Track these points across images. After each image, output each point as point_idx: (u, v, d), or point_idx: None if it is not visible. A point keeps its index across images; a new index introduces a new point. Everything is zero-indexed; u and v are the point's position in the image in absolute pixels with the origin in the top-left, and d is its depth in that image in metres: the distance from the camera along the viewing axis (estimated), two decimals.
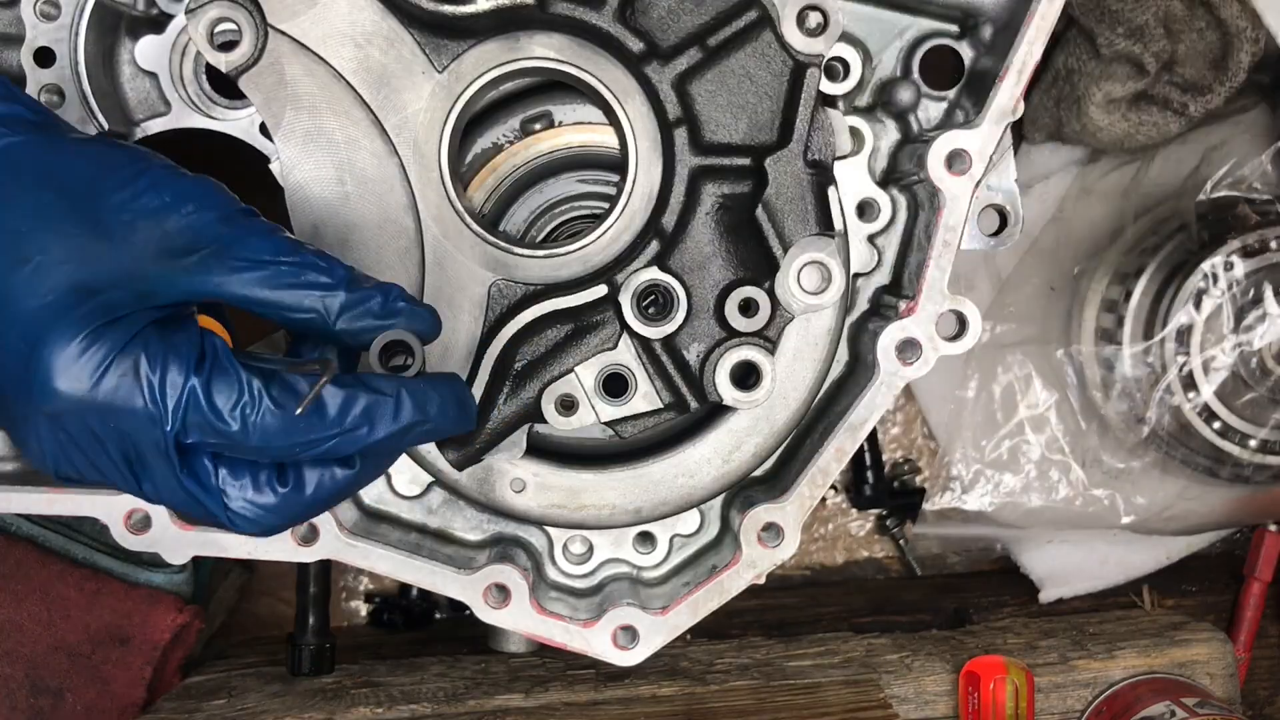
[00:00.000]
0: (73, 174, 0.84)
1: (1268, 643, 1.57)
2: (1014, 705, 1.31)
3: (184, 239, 0.84)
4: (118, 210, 0.84)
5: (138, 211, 0.84)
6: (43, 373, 0.79)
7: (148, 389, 0.80)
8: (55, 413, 0.80)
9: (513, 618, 1.15)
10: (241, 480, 0.86)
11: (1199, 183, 1.46)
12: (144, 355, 0.80)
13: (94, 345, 0.79)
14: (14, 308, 0.80)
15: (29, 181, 0.83)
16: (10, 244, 0.81)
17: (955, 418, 1.55)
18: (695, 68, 1.10)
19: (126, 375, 0.80)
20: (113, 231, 0.83)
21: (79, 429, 0.81)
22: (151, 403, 0.80)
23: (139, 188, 0.85)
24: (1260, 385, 1.41)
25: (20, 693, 1.36)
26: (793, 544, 1.14)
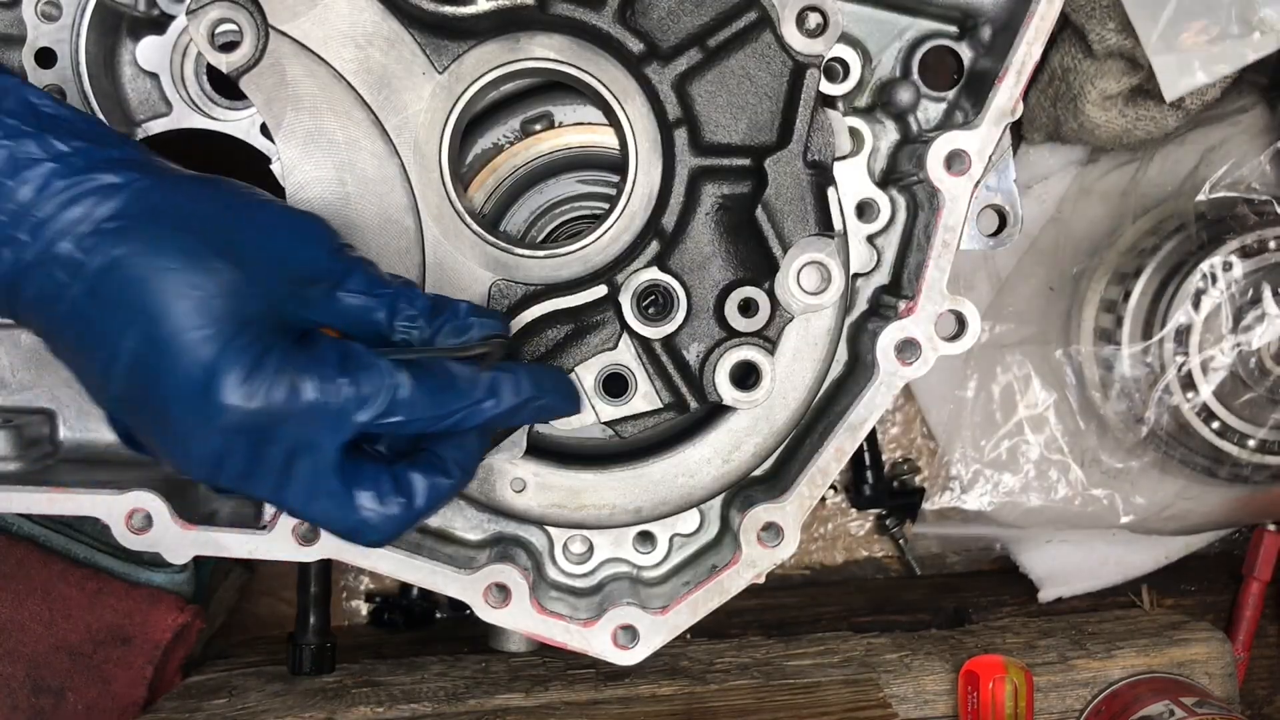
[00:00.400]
0: (204, 215, 0.92)
1: (1266, 642, 1.57)
2: (1013, 705, 1.31)
3: (306, 272, 0.95)
4: (251, 248, 0.92)
5: (267, 249, 0.93)
6: (217, 393, 0.89)
7: (309, 393, 0.91)
8: (227, 427, 0.90)
9: (513, 617, 1.15)
10: (368, 494, 0.95)
11: (1198, 183, 1.46)
12: (299, 368, 0.91)
13: (258, 367, 0.89)
14: (182, 338, 0.89)
15: (169, 224, 0.91)
16: (170, 282, 0.89)
17: (954, 418, 1.56)
18: (695, 68, 1.10)
19: (289, 387, 0.90)
20: (250, 267, 0.91)
21: (246, 441, 0.91)
22: (313, 404, 0.91)
23: (263, 225, 0.94)
24: (1259, 385, 1.41)
25: (21, 692, 1.36)
26: (792, 544, 1.14)
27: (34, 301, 0.91)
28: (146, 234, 0.89)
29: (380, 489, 0.95)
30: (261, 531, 1.14)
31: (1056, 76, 1.42)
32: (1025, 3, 1.09)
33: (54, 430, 1.23)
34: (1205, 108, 1.40)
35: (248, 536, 1.14)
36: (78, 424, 1.24)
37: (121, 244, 0.88)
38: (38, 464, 1.20)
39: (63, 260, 0.88)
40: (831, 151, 1.11)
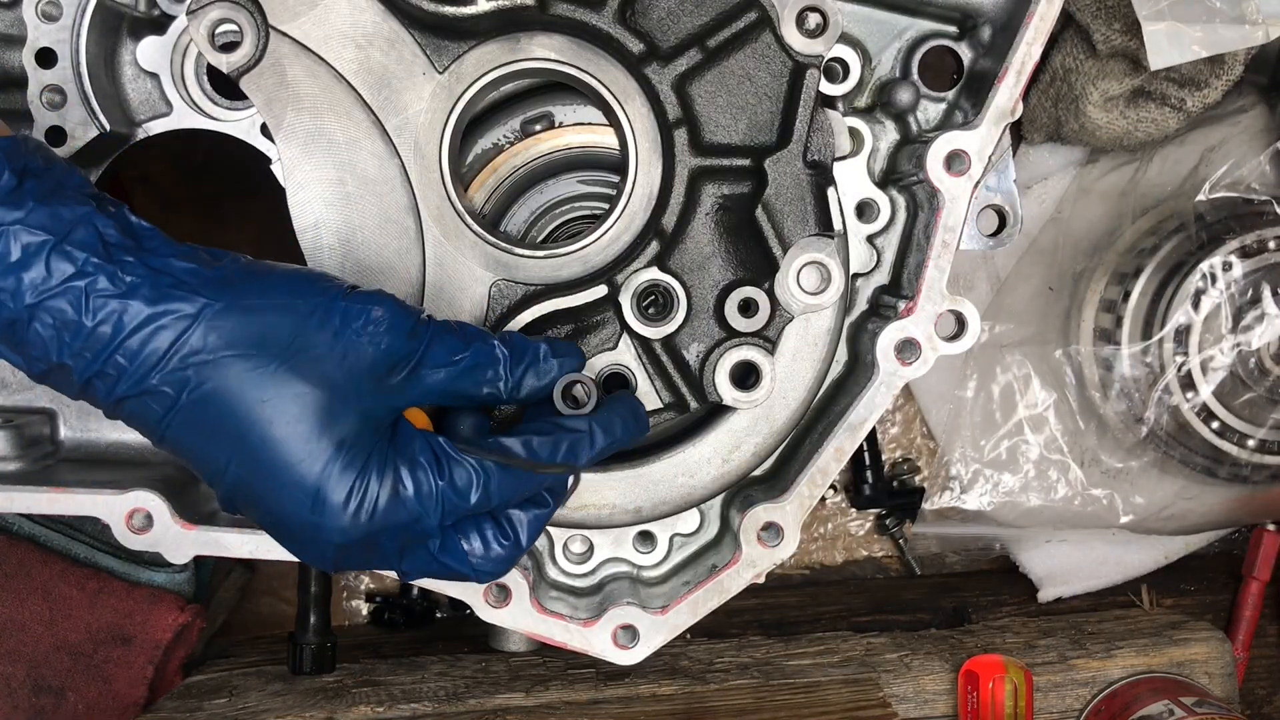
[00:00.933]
0: (281, 335, 0.93)
1: (1266, 642, 1.57)
2: (1013, 704, 1.31)
3: (386, 362, 0.96)
4: (328, 355, 0.94)
5: (344, 350, 0.95)
6: (329, 519, 0.94)
7: (411, 502, 0.95)
8: (344, 543, 0.96)
9: (513, 617, 1.15)
10: (476, 544, 1.00)
11: (1197, 183, 1.46)
12: (397, 475, 0.95)
13: (359, 484, 0.94)
14: (283, 470, 0.93)
15: (243, 353, 0.92)
16: (262, 413, 0.93)
17: (954, 417, 1.56)
18: (695, 69, 1.10)
19: (391, 496, 0.95)
20: (332, 376, 0.94)
21: (360, 546, 0.96)
22: (416, 511, 0.96)
23: (337, 326, 0.95)
24: (1258, 385, 1.41)
25: (22, 692, 1.36)
26: (792, 543, 1.14)
27: (135, 422, 0.95)
28: (231, 368, 0.92)
29: (485, 538, 1.00)
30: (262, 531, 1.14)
31: (1058, 77, 1.42)
32: (1025, 3, 1.09)
33: (54, 430, 1.23)
34: (1206, 108, 1.40)
35: (248, 536, 1.14)
36: (78, 424, 1.24)
37: (209, 378, 0.91)
38: (38, 464, 1.20)
39: (155, 394, 0.91)
40: (831, 152, 1.11)
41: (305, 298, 0.95)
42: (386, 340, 0.96)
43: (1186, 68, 1.37)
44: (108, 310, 0.89)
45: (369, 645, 1.53)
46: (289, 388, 0.92)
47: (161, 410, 0.92)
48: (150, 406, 0.92)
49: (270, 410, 0.92)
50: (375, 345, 0.95)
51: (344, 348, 0.94)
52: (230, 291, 0.93)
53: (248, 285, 0.94)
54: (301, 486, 0.93)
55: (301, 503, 0.93)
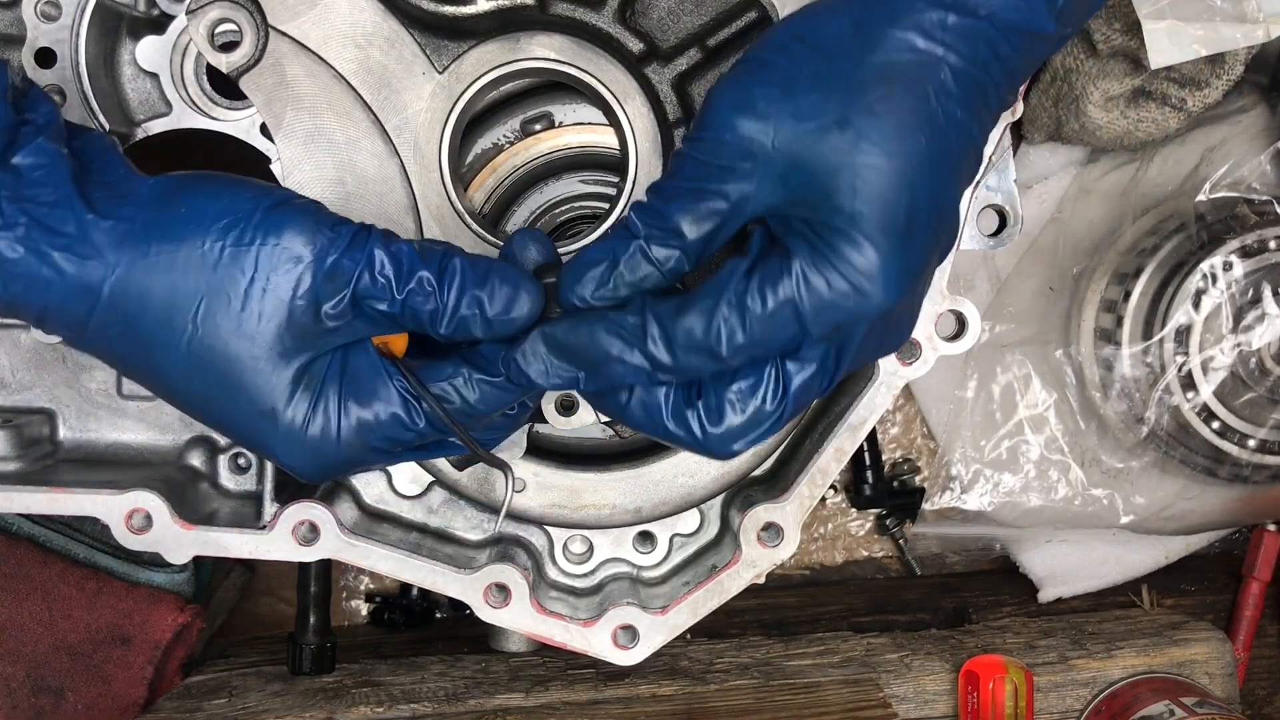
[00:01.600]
0: (182, 294, 0.92)
1: (1267, 642, 1.57)
2: (1013, 705, 1.31)
3: (310, 312, 0.93)
4: (243, 320, 0.92)
5: (260, 314, 0.92)
6: (290, 468, 0.98)
7: (366, 448, 0.96)
8: (316, 478, 0.99)
9: (513, 617, 1.15)
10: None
11: (1198, 183, 1.46)
12: (350, 417, 0.95)
13: (311, 432, 0.94)
14: (227, 430, 0.97)
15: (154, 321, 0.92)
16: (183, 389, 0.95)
17: (954, 418, 1.55)
18: (695, 68, 1.10)
19: (347, 440, 0.96)
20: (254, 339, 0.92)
21: (342, 473, 1.00)
22: (371, 454, 0.97)
23: (245, 290, 0.92)
24: (1259, 385, 1.41)
25: (21, 692, 1.36)
26: (792, 544, 1.14)
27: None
28: (148, 341, 0.93)
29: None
30: (261, 531, 1.14)
31: (1058, 77, 1.42)
32: None
33: (54, 430, 1.23)
34: (1206, 108, 1.40)
35: (248, 536, 1.14)
36: (77, 424, 1.24)
37: (132, 351, 0.93)
38: (37, 464, 1.20)
39: (98, 352, 0.96)
40: None
41: (209, 243, 0.92)
42: (307, 290, 0.92)
43: (1187, 67, 1.37)
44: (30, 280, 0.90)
45: (369, 645, 1.53)
46: (210, 356, 0.92)
47: (114, 365, 0.97)
48: (104, 353, 0.96)
49: (198, 382, 0.93)
50: (296, 299, 0.92)
51: (260, 311, 0.92)
52: (129, 249, 0.91)
53: (145, 236, 0.92)
54: (254, 444, 0.96)
55: (260, 452, 0.98)
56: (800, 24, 0.89)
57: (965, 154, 0.89)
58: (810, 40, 0.87)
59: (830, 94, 0.85)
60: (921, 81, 0.85)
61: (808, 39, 0.87)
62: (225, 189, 0.94)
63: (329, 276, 0.92)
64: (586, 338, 0.89)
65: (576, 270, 0.90)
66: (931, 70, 0.85)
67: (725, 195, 0.87)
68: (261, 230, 0.92)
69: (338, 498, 1.19)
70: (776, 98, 0.86)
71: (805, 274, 0.85)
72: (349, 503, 1.20)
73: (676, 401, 0.91)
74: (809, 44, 0.87)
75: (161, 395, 0.98)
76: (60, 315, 0.92)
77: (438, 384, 0.95)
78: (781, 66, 0.87)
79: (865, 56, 0.85)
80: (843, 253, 0.84)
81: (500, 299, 0.92)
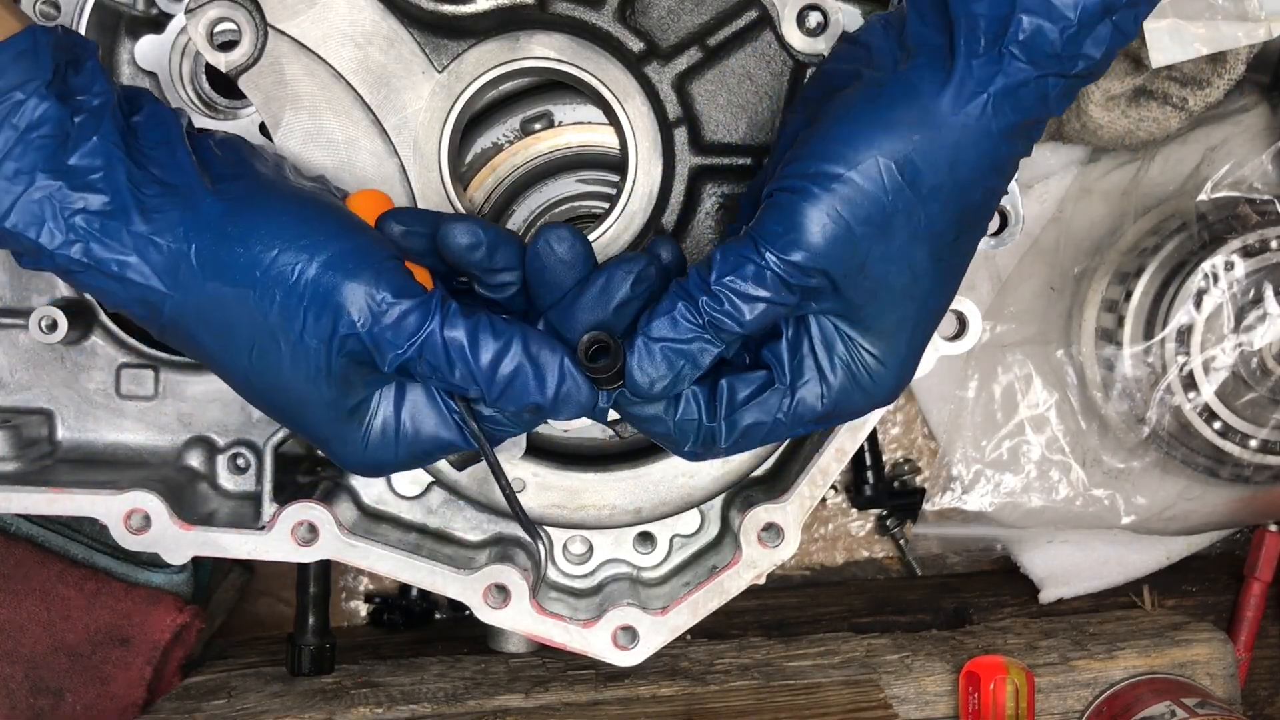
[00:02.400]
0: (239, 333, 0.93)
1: (1268, 643, 1.57)
2: (1014, 705, 1.30)
3: (367, 357, 0.94)
4: (303, 355, 0.93)
5: (318, 350, 0.93)
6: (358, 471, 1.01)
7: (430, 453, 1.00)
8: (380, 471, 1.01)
9: (513, 618, 1.15)
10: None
11: (1199, 183, 1.45)
12: (408, 430, 0.98)
13: (373, 445, 0.97)
14: (299, 429, 1.00)
15: (214, 338, 0.94)
16: (249, 390, 0.97)
17: (955, 418, 1.55)
18: (695, 67, 1.10)
19: (412, 448, 0.99)
20: (313, 371, 0.93)
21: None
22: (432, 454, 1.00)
23: (296, 334, 0.92)
24: (1261, 385, 1.41)
25: (20, 693, 1.36)
26: (793, 544, 1.14)
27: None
28: (211, 349, 0.94)
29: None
30: (260, 532, 1.14)
31: None
32: None
33: (52, 430, 1.23)
34: (1208, 107, 1.39)
35: (247, 537, 1.14)
36: (76, 424, 1.24)
37: (200, 349, 0.95)
38: (36, 464, 1.19)
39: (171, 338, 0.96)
40: None
41: (266, 292, 0.91)
42: (353, 350, 0.92)
43: (1188, 67, 1.37)
44: (98, 285, 0.91)
45: (368, 646, 1.53)
46: (275, 378, 0.93)
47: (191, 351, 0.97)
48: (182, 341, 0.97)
49: (265, 393, 0.95)
50: (340, 353, 0.92)
51: (309, 360, 0.92)
52: (185, 286, 0.91)
53: (203, 275, 0.91)
54: (325, 448, 0.98)
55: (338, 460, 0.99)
56: (894, 147, 0.89)
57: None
58: (908, 174, 0.89)
59: (917, 242, 0.91)
60: (980, 220, 0.94)
61: (905, 172, 0.89)
62: (291, 225, 0.92)
63: (376, 347, 0.92)
64: (651, 414, 0.96)
65: (657, 369, 0.92)
66: (990, 205, 0.94)
67: (798, 306, 0.92)
68: (314, 289, 0.91)
69: (336, 498, 1.19)
70: (869, 234, 0.89)
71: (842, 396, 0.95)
72: (348, 503, 1.20)
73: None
74: (906, 178, 0.89)
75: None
76: (135, 315, 0.94)
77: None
78: (877, 201, 0.89)
79: (951, 203, 0.90)
80: (873, 379, 0.95)
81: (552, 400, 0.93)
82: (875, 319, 0.93)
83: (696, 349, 0.91)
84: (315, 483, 1.21)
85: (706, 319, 0.90)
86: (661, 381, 0.91)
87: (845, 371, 0.94)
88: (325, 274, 0.91)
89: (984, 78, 0.87)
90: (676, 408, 0.94)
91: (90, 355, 1.24)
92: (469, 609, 1.15)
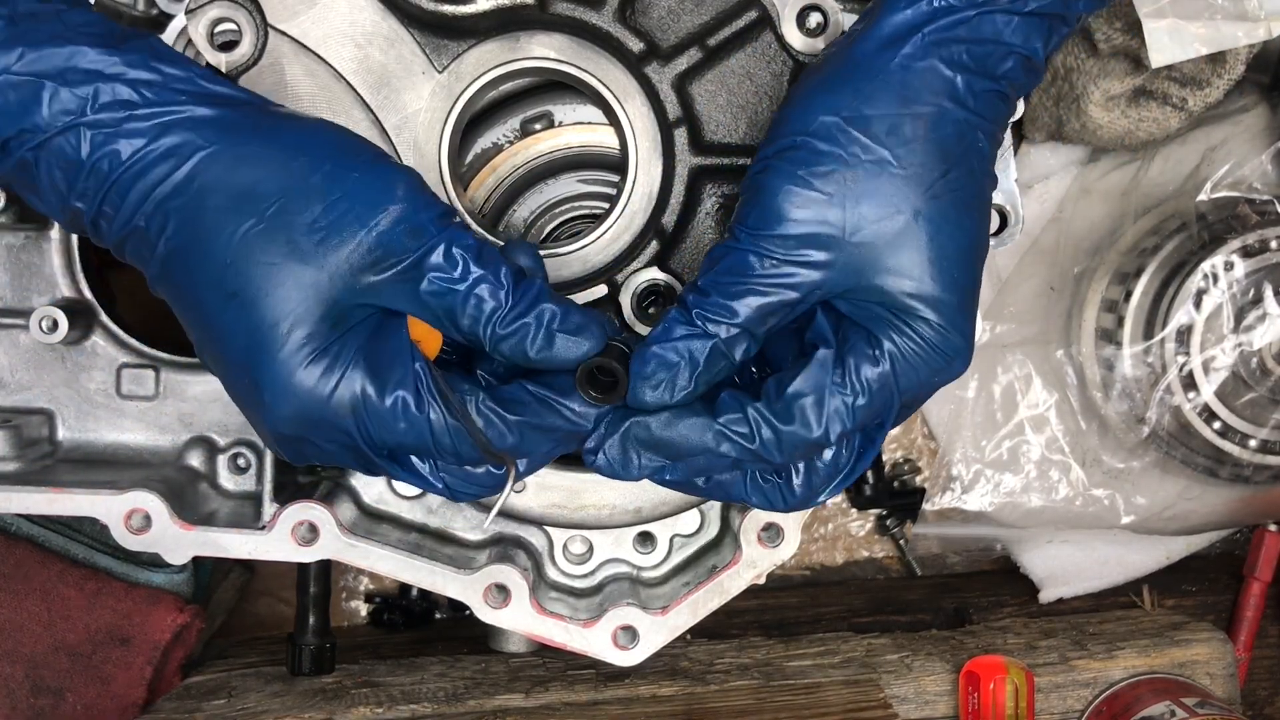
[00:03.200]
0: (266, 189, 0.88)
1: (1268, 643, 1.57)
2: (1014, 705, 1.31)
3: (373, 255, 0.89)
4: (310, 231, 0.88)
5: (329, 229, 0.88)
6: (264, 408, 0.89)
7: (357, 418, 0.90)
8: (282, 437, 0.91)
9: (513, 618, 1.15)
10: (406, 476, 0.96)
11: (1199, 183, 1.46)
12: (353, 384, 0.89)
13: (310, 372, 0.88)
14: (229, 344, 0.89)
15: (222, 204, 0.88)
16: (217, 277, 0.88)
17: (955, 418, 1.55)
18: (695, 68, 1.10)
19: (340, 398, 0.89)
20: (307, 255, 0.88)
21: (307, 443, 0.92)
22: (359, 428, 0.90)
23: (332, 200, 0.89)
24: (1260, 385, 1.41)
25: (21, 692, 1.36)
26: (793, 544, 1.14)
27: (133, 260, 0.93)
28: (205, 219, 0.89)
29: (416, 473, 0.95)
30: (261, 532, 1.14)
31: (1059, 76, 1.41)
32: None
33: (53, 430, 1.23)
34: (1207, 108, 1.39)
35: (247, 537, 1.14)
36: (76, 424, 1.23)
37: (184, 227, 0.89)
38: (36, 464, 1.19)
39: (140, 236, 0.90)
40: None
41: (312, 160, 0.90)
42: (381, 233, 0.89)
43: (1188, 67, 1.37)
44: (104, 149, 0.87)
45: (368, 646, 1.53)
46: (256, 253, 0.88)
47: (148, 255, 0.90)
48: (141, 251, 0.91)
49: (231, 277, 0.88)
50: (364, 234, 0.88)
51: (328, 227, 0.88)
52: (230, 137, 0.89)
53: (251, 134, 0.90)
54: (240, 360, 0.89)
55: (243, 382, 0.90)
56: (839, 103, 0.90)
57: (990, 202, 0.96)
58: (858, 124, 0.89)
59: (895, 183, 0.89)
60: (967, 155, 0.91)
61: (855, 123, 0.89)
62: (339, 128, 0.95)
63: (412, 232, 0.89)
64: (681, 436, 0.91)
65: (652, 371, 0.90)
66: (970, 139, 0.91)
67: (796, 287, 0.90)
68: (365, 164, 0.91)
69: (337, 498, 1.19)
70: (840, 191, 0.89)
71: (899, 357, 0.91)
72: (348, 503, 1.20)
73: (755, 476, 0.95)
74: (858, 128, 0.89)
75: (174, 292, 0.92)
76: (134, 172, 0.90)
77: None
78: (836, 156, 0.89)
79: (918, 139, 0.89)
80: (927, 334, 0.91)
81: (572, 320, 0.91)
82: (899, 270, 0.89)
83: (693, 346, 0.90)
84: (315, 483, 1.21)
85: (696, 313, 0.90)
86: (656, 377, 0.90)
87: (894, 332, 0.91)
88: (381, 159, 0.92)
89: (910, 18, 0.88)
90: (724, 437, 0.90)
91: (91, 355, 1.24)
92: (469, 609, 1.15)
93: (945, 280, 0.91)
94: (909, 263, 0.90)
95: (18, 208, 1.22)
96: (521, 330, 0.90)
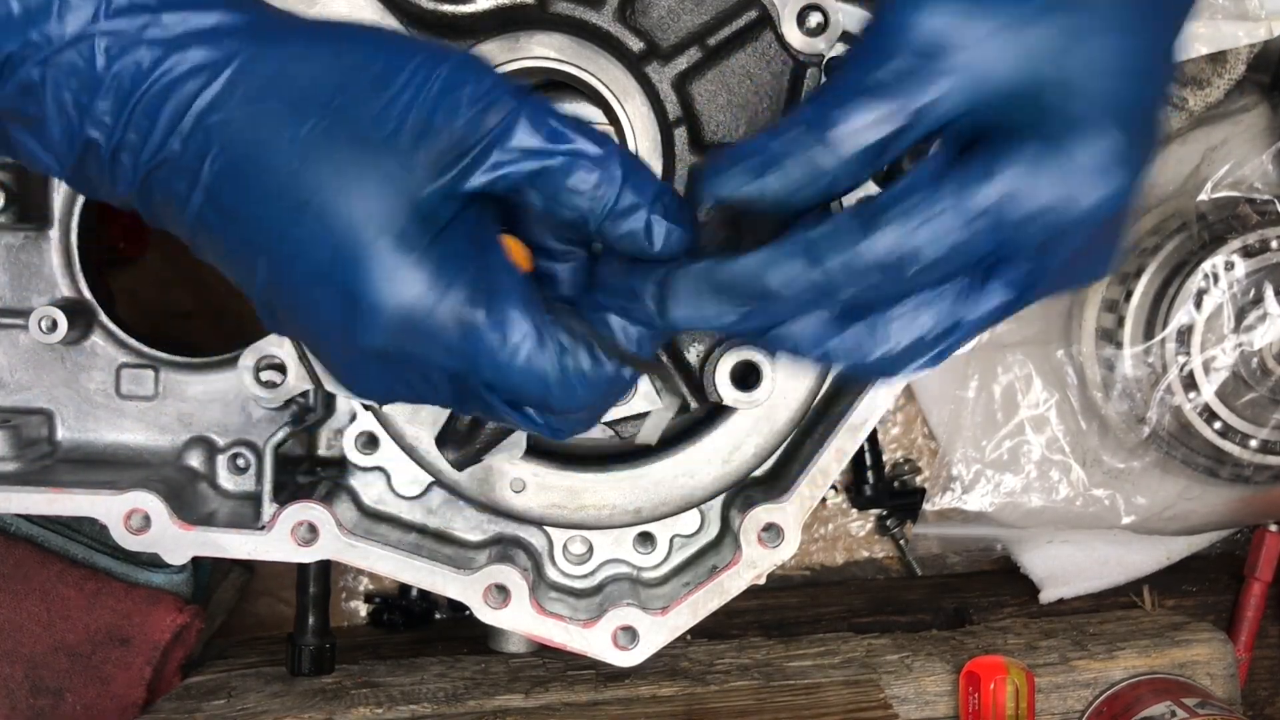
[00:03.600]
0: (321, 88, 0.77)
1: (1268, 643, 1.57)
2: (1014, 705, 1.30)
3: (452, 139, 0.78)
4: (379, 123, 0.77)
5: (399, 119, 0.77)
6: (363, 319, 0.77)
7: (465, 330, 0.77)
8: (381, 354, 0.79)
9: (513, 618, 1.15)
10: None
11: (1199, 182, 1.45)
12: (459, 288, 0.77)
13: (413, 275, 0.76)
14: (307, 258, 0.77)
15: (275, 109, 0.77)
16: (281, 188, 0.77)
17: (955, 418, 1.55)
18: (695, 67, 1.10)
19: (447, 306, 0.77)
20: (381, 149, 0.77)
21: (406, 365, 0.80)
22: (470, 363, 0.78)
23: (393, 91, 0.78)
24: (1261, 385, 1.41)
25: (20, 693, 1.36)
26: (793, 544, 1.14)
27: (163, 209, 0.81)
28: (260, 128, 0.77)
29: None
30: (260, 532, 1.14)
31: None
32: None
33: (52, 430, 1.23)
34: (1208, 107, 1.39)
35: (247, 537, 1.14)
36: (76, 424, 1.24)
37: (232, 141, 0.76)
38: (36, 464, 1.19)
39: (175, 165, 0.77)
40: None
41: (363, 52, 0.79)
42: (458, 112, 0.77)
43: (1189, 66, 1.37)
44: (124, 59, 0.75)
45: (368, 646, 1.53)
46: (326, 152, 0.77)
47: (185, 188, 0.78)
48: (175, 185, 0.78)
49: (301, 184, 0.77)
50: (436, 119, 0.77)
51: (396, 117, 0.77)
52: (268, 37, 0.78)
53: (290, 34, 0.79)
54: (324, 273, 0.77)
55: (329, 298, 0.78)
56: None
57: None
58: None
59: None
60: None
61: None
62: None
63: (489, 108, 0.78)
64: (754, 272, 0.79)
65: (733, 164, 0.79)
66: None
67: (915, 99, 0.74)
68: (421, 50, 0.80)
69: (336, 498, 1.19)
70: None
71: (1019, 177, 0.72)
72: (348, 503, 1.20)
73: (829, 326, 0.80)
74: None
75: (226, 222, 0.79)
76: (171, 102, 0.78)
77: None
78: None
79: None
80: (1070, 150, 0.72)
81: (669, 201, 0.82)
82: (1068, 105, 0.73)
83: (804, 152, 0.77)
84: (315, 483, 1.21)
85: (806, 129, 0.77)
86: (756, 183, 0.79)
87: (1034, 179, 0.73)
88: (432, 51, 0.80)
89: None
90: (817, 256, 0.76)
91: (90, 355, 1.24)
92: (469, 609, 1.15)
93: (1110, 93, 0.74)
94: (1065, 71, 0.73)
95: (18, 207, 1.22)
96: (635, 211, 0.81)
